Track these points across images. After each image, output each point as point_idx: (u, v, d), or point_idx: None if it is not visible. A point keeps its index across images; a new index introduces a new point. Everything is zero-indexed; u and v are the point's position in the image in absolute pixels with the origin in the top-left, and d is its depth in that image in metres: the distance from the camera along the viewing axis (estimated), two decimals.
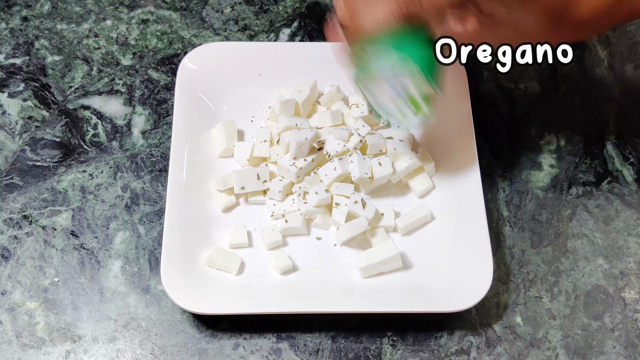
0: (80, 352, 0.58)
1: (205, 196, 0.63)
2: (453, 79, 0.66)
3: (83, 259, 0.62)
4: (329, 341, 0.59)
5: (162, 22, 0.75)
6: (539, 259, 0.63)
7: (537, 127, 0.70)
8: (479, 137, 0.69)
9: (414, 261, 0.61)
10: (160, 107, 0.70)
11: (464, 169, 0.63)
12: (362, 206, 0.61)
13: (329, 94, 0.67)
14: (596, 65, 0.74)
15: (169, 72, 0.72)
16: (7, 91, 0.70)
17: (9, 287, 0.60)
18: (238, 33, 0.75)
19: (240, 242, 0.61)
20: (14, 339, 0.58)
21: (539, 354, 0.59)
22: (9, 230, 0.63)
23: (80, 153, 0.67)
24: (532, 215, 0.65)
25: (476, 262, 0.58)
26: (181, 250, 0.59)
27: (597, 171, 0.67)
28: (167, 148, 0.67)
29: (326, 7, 0.77)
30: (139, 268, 0.61)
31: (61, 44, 0.73)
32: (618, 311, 0.61)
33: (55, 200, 0.64)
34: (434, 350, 0.58)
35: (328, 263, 0.61)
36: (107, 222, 0.63)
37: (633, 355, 0.59)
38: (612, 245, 0.64)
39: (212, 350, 0.58)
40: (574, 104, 0.71)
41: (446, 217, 0.63)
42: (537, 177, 0.67)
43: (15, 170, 0.66)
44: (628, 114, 0.71)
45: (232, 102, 0.69)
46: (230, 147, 0.65)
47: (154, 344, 0.58)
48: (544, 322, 0.60)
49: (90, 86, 0.71)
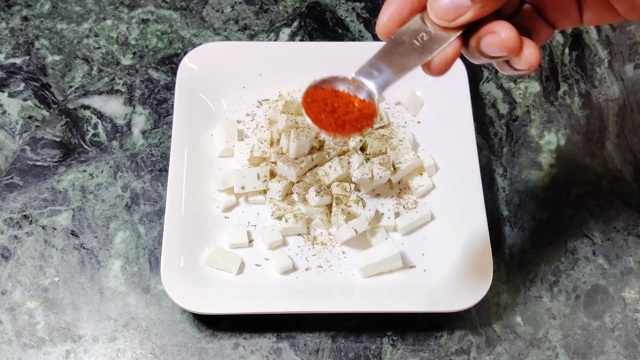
0: (80, 352, 0.58)
1: (205, 196, 0.63)
2: (453, 79, 0.66)
3: (83, 258, 0.62)
4: (329, 341, 0.59)
5: (162, 21, 0.75)
6: (539, 259, 0.63)
7: (537, 127, 0.70)
8: (479, 137, 0.69)
9: (414, 261, 0.61)
10: (160, 107, 0.70)
11: (464, 169, 0.63)
12: (362, 206, 0.61)
13: None
14: (596, 65, 0.74)
15: (169, 71, 0.72)
16: (7, 91, 0.70)
17: (9, 287, 0.60)
18: (238, 33, 0.75)
19: (240, 242, 0.61)
20: (14, 339, 0.58)
21: (539, 353, 0.59)
22: (9, 230, 0.63)
23: (81, 153, 0.67)
24: (532, 215, 0.65)
25: (476, 262, 0.58)
26: (181, 250, 0.59)
27: (597, 171, 0.67)
28: (167, 148, 0.67)
29: (326, 7, 0.77)
30: (139, 268, 0.61)
31: (61, 44, 0.73)
32: (618, 311, 0.61)
33: (55, 200, 0.64)
34: (434, 350, 0.58)
35: (328, 263, 0.61)
36: (107, 221, 0.63)
37: (633, 355, 0.59)
38: (612, 245, 0.64)
39: (212, 350, 0.58)
40: (574, 104, 0.71)
41: (446, 217, 0.63)
42: (537, 177, 0.67)
43: (15, 170, 0.66)
44: (628, 114, 0.71)
45: (232, 102, 0.69)
46: (230, 147, 0.65)
47: (154, 343, 0.58)
48: (544, 322, 0.60)
49: (90, 86, 0.71)
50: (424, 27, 0.39)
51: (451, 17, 0.38)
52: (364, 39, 0.75)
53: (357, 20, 0.76)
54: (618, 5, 0.39)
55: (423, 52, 0.39)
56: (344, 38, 0.75)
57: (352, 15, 0.76)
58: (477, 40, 0.38)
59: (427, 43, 0.39)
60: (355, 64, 0.67)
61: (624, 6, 0.39)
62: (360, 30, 0.75)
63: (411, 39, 0.39)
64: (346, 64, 0.68)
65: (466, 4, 0.37)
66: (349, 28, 0.76)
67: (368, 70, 0.40)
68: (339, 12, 0.77)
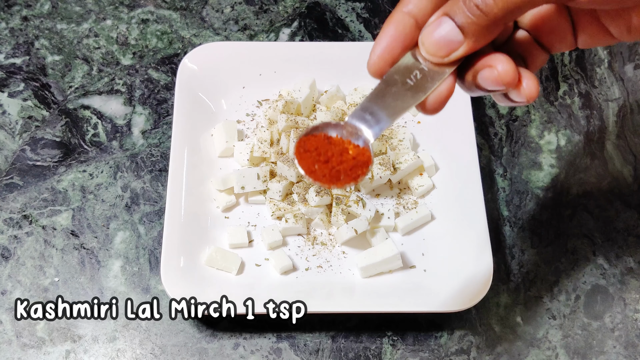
0: (80, 352, 0.58)
1: (205, 196, 0.63)
2: None
3: (83, 258, 0.62)
4: (329, 341, 0.59)
5: (162, 21, 0.75)
6: (539, 259, 0.63)
7: (537, 127, 0.70)
8: (479, 137, 0.69)
9: (414, 261, 0.61)
10: (160, 107, 0.70)
11: (464, 169, 0.63)
12: (362, 206, 0.61)
13: (329, 93, 0.67)
14: (596, 65, 0.74)
15: (169, 72, 0.72)
16: (7, 91, 0.70)
17: (9, 287, 0.60)
18: (238, 33, 0.75)
19: (240, 242, 0.61)
20: (14, 339, 0.58)
21: (539, 353, 0.59)
22: (9, 230, 0.63)
23: (80, 153, 0.67)
24: (532, 215, 0.65)
25: (476, 262, 0.58)
26: (181, 250, 0.59)
27: (597, 171, 0.67)
28: (167, 148, 0.67)
29: (326, 7, 0.77)
30: (139, 268, 0.61)
31: (61, 44, 0.73)
32: (618, 311, 0.61)
33: (55, 200, 0.64)
34: (434, 350, 0.58)
35: (328, 263, 0.61)
36: (107, 221, 0.63)
37: (633, 355, 0.59)
38: (612, 245, 0.64)
39: (212, 350, 0.58)
40: (574, 104, 0.71)
41: (446, 217, 0.63)
42: (537, 177, 0.67)
43: (15, 170, 0.66)
44: (628, 114, 0.71)
45: (232, 102, 0.69)
46: (230, 147, 0.65)
47: (154, 343, 0.58)
48: (544, 322, 0.60)
49: (90, 86, 0.71)
50: (416, 65, 0.38)
51: (444, 52, 0.37)
52: (364, 39, 0.75)
53: (357, 20, 0.76)
54: (613, 28, 0.38)
55: (417, 91, 0.38)
56: (343, 38, 0.75)
57: (352, 15, 0.76)
58: (473, 74, 0.37)
59: (421, 81, 0.38)
60: (355, 64, 0.67)
61: (618, 29, 0.38)
62: (360, 30, 0.75)
63: (404, 78, 0.38)
64: (346, 64, 0.69)
65: (459, 38, 0.36)
66: (348, 28, 0.76)
67: (361, 115, 0.39)
68: (338, 12, 0.77)
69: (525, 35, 0.41)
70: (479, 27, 0.35)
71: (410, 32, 0.38)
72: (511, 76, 0.36)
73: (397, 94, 0.38)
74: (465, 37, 0.36)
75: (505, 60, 0.36)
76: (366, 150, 0.39)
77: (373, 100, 0.39)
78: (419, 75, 0.38)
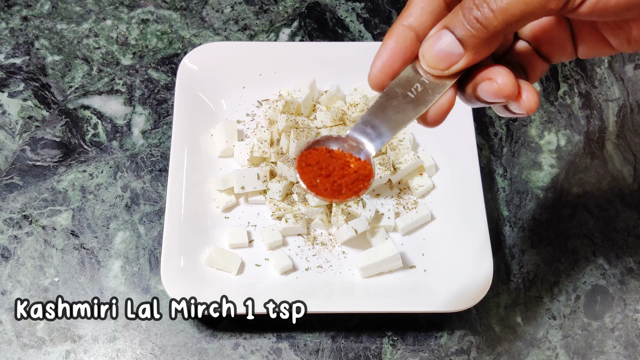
0: (80, 352, 0.58)
1: (205, 196, 0.63)
2: None
3: (83, 258, 0.62)
4: (329, 341, 0.59)
5: (162, 22, 0.75)
6: (539, 259, 0.63)
7: (537, 127, 0.70)
8: (479, 137, 0.69)
9: (414, 261, 0.61)
10: (160, 107, 0.70)
11: (464, 169, 0.63)
12: (362, 206, 0.61)
13: (328, 93, 0.67)
14: (596, 65, 0.74)
15: (169, 72, 0.72)
16: (7, 91, 0.70)
17: (9, 287, 0.60)
18: (238, 33, 0.75)
19: (240, 242, 0.61)
20: (14, 339, 0.58)
21: (539, 353, 0.59)
22: (9, 230, 0.63)
23: (80, 153, 0.67)
24: (532, 215, 0.65)
25: (476, 262, 0.58)
26: (181, 250, 0.59)
27: (597, 171, 0.67)
28: (167, 148, 0.67)
29: (326, 7, 0.77)
30: (139, 268, 0.61)
31: (61, 44, 0.73)
32: (618, 311, 0.61)
33: (55, 200, 0.64)
34: (434, 350, 0.58)
35: (328, 263, 0.61)
36: (107, 222, 0.63)
37: (633, 355, 0.59)
38: (612, 245, 0.64)
39: (212, 350, 0.58)
40: (574, 104, 0.71)
41: (446, 217, 0.63)
42: (537, 177, 0.67)
43: (15, 170, 0.66)
44: (628, 114, 0.71)
45: (232, 102, 0.69)
46: (230, 147, 0.65)
47: (154, 343, 0.58)
48: (544, 322, 0.60)
49: (90, 86, 0.71)
50: (417, 77, 0.38)
51: (444, 65, 0.37)
52: (364, 39, 0.75)
53: (357, 21, 0.76)
54: (612, 40, 0.39)
55: (418, 104, 0.38)
56: (343, 38, 0.75)
57: (352, 15, 0.76)
58: (473, 87, 0.38)
59: (422, 94, 0.38)
60: (355, 64, 0.67)
61: (618, 40, 0.38)
62: (360, 30, 0.75)
63: (405, 90, 0.38)
64: (346, 64, 0.69)
65: (459, 51, 0.36)
66: (348, 28, 0.76)
67: (362, 128, 0.39)
68: (338, 12, 0.77)
69: (525, 45, 0.41)
70: (479, 40, 0.35)
71: (410, 45, 0.38)
72: (511, 89, 0.36)
73: (398, 107, 0.38)
74: (466, 50, 0.36)
75: (505, 73, 0.36)
76: (368, 164, 0.39)
77: (374, 114, 0.39)
78: (420, 88, 0.38)
